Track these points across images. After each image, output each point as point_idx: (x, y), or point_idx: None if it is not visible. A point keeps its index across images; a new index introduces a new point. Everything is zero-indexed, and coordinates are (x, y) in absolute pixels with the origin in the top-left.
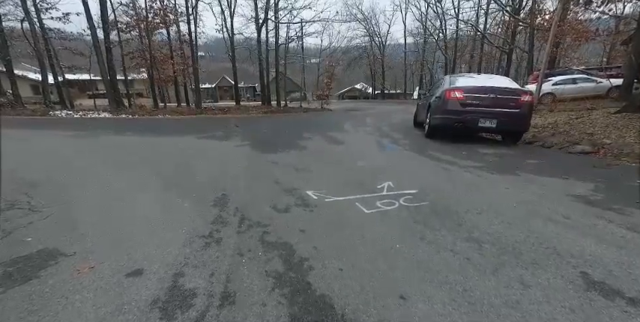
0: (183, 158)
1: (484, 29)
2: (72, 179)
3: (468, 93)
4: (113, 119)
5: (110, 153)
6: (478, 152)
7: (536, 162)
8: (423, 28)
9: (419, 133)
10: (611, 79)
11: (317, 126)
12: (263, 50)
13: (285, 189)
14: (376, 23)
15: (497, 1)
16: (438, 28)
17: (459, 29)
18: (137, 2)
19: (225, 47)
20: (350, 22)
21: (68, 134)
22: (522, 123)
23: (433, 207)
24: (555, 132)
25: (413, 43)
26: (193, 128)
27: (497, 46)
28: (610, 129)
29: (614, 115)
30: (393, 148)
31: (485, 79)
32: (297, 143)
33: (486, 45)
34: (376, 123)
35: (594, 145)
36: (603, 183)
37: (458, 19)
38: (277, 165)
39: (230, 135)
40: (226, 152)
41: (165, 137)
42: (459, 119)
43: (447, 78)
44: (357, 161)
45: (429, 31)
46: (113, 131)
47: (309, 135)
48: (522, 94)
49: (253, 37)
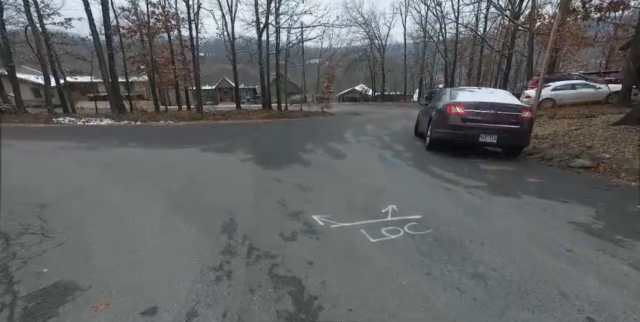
0: (189, 175)
1: (484, 32)
2: (81, 200)
3: (469, 108)
4: (116, 127)
5: (115, 170)
6: (480, 168)
7: (537, 181)
8: (422, 31)
9: (420, 145)
10: (610, 85)
11: (318, 135)
12: (264, 54)
13: (291, 213)
14: (376, 26)
15: (497, 6)
16: (438, 31)
17: (458, 33)
18: (139, 7)
19: (225, 49)
20: (350, 26)
21: (73, 146)
22: (523, 138)
23: (438, 235)
24: (555, 143)
25: (413, 45)
26: (196, 137)
27: (497, 51)
28: (609, 142)
29: (613, 127)
30: (396, 164)
31: (485, 93)
32: (301, 157)
33: (486, 48)
34: (377, 131)
35: (594, 160)
36: (603, 207)
37: (457, 23)
38: (282, 183)
39: (233, 146)
40: (231, 168)
41: (168, 149)
42: (460, 134)
43: (447, 91)
44: (361, 178)
45: (428, 34)
46: (117, 141)
47: (311, 147)
48: (523, 111)
49: (254, 38)
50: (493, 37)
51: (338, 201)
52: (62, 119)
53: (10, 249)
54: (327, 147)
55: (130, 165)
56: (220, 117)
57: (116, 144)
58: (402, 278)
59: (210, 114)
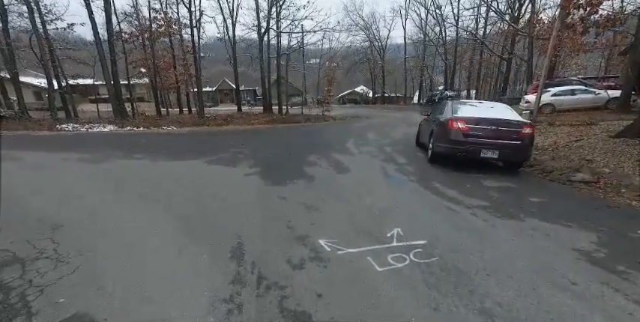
0: (197, 193)
1: (484, 36)
2: (91, 220)
3: (470, 124)
4: (119, 134)
5: (124, 186)
6: (482, 185)
7: (539, 201)
8: (423, 34)
9: (422, 156)
10: (609, 91)
11: (321, 145)
12: (265, 58)
13: (297, 237)
14: (376, 28)
15: (496, 10)
16: (438, 34)
17: (459, 37)
18: (141, 13)
19: (226, 51)
20: (351, 31)
21: (79, 158)
22: (523, 154)
23: (443, 264)
24: (555, 156)
25: (413, 48)
26: (200, 147)
27: (497, 55)
28: (609, 156)
29: (613, 140)
30: (399, 180)
31: (486, 108)
32: (305, 171)
33: (486, 52)
34: (379, 140)
35: (594, 174)
36: (605, 232)
37: (457, 27)
38: (287, 201)
39: (237, 158)
40: (237, 184)
41: (174, 161)
42: (461, 149)
43: (449, 104)
44: (365, 197)
45: (428, 37)
46: (122, 153)
47: (314, 158)
48: (523, 127)
49: (255, 41)
50: (493, 40)
51: (343, 223)
52: (66, 126)
53: (26, 276)
54: (330, 159)
55: (138, 181)
56: (222, 122)
57: (121, 155)
58: (411, 314)
59: (211, 119)
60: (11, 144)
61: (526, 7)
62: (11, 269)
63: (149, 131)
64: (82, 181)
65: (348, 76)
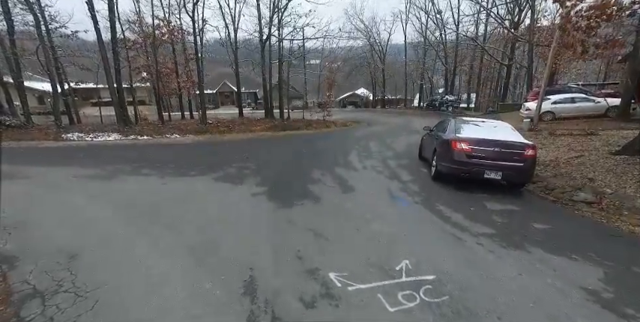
0: (206, 218)
1: (484, 41)
2: (105, 250)
3: (473, 145)
4: (124, 145)
5: (134, 210)
6: (485, 208)
7: (543, 227)
8: (423, 38)
9: (425, 172)
10: (609, 99)
11: (324, 158)
12: (266, 63)
13: (308, 270)
14: (377, 31)
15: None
16: (438, 38)
17: (459, 42)
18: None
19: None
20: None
21: (87, 174)
22: (526, 176)
23: (454, 305)
24: (557, 173)
25: (413, 52)
26: (206, 159)
27: (497, 60)
28: (610, 175)
29: (614, 157)
30: (404, 202)
31: (489, 128)
32: (310, 190)
33: (485, 58)
34: (381, 152)
35: (596, 194)
36: (610, 267)
37: (457, 33)
38: (296, 227)
39: (242, 173)
40: (245, 206)
41: (181, 178)
42: (465, 170)
43: (452, 122)
44: (372, 223)
45: (429, 41)
46: (130, 168)
47: (318, 175)
48: (526, 149)
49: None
50: (493, 46)
51: (352, 254)
52: (70, 135)
53: (46, 312)
54: (334, 176)
55: (148, 204)
56: (224, 129)
57: (128, 171)
58: None
59: (213, 126)
60: (21, 158)
61: (526, 12)
62: (32, 305)
63: (153, 140)
64: (94, 203)
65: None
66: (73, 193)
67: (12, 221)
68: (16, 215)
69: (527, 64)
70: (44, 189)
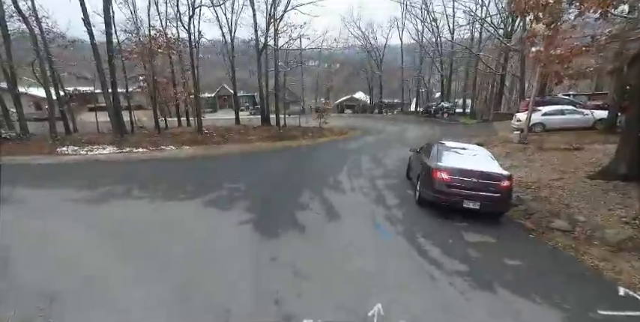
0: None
1: (479, 48)
2: (87, 290)
3: (453, 175)
4: (118, 160)
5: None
6: (463, 240)
7: (515, 264)
8: (419, 46)
9: (410, 195)
10: (596, 112)
11: (314, 177)
12: (262, 72)
13: (284, 316)
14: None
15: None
16: (434, 45)
17: (454, 50)
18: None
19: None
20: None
21: (77, 197)
22: (503, 206)
23: None
24: (537, 196)
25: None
26: (198, 179)
27: (491, 68)
28: (584, 201)
29: (590, 182)
30: (386, 234)
31: (469, 157)
32: (297, 218)
33: (479, 68)
34: (371, 169)
35: (570, 222)
36: (570, 312)
37: (453, 41)
38: (277, 264)
39: (233, 196)
40: (231, 239)
41: (172, 203)
42: (445, 199)
43: (434, 148)
44: (352, 258)
45: (424, 49)
46: (122, 188)
47: (307, 199)
48: (502, 180)
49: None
50: (487, 55)
51: (329, 297)
52: (65, 149)
53: None
54: (322, 200)
55: (135, 234)
56: (220, 140)
57: (120, 193)
58: None
59: (209, 136)
60: (13, 178)
61: (518, 23)
62: None
63: (148, 154)
64: (81, 233)
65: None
66: (60, 221)
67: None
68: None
69: (520, 74)
70: (32, 216)
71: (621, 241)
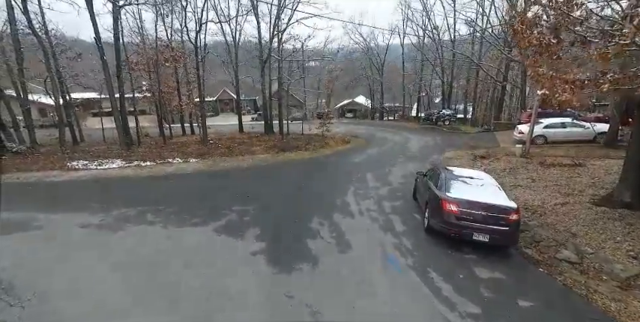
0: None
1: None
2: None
3: (462, 207)
4: (128, 179)
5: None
6: (474, 276)
7: (527, 305)
8: (420, 53)
9: (418, 219)
10: (597, 125)
11: (322, 199)
12: (266, 80)
13: None
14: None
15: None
16: (435, 52)
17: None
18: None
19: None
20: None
21: (90, 223)
22: (512, 239)
23: None
24: (543, 222)
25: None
26: (208, 198)
27: (492, 77)
28: (591, 231)
29: (595, 209)
30: (397, 266)
31: (476, 187)
32: (309, 248)
33: (480, 79)
34: (377, 187)
35: (578, 253)
36: None
37: (454, 51)
38: (293, 301)
39: (243, 221)
40: (243, 272)
41: (185, 229)
42: (455, 231)
43: (442, 175)
44: (364, 297)
45: (425, 56)
46: (135, 211)
47: (317, 225)
48: (511, 213)
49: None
50: (489, 64)
51: None
52: (76, 163)
53: None
54: (332, 225)
55: (148, 265)
56: (225, 151)
57: (133, 217)
58: None
59: (214, 146)
60: (31, 200)
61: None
62: None
63: (156, 169)
64: (95, 263)
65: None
66: (75, 251)
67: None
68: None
69: (521, 84)
70: (48, 247)
71: (630, 277)
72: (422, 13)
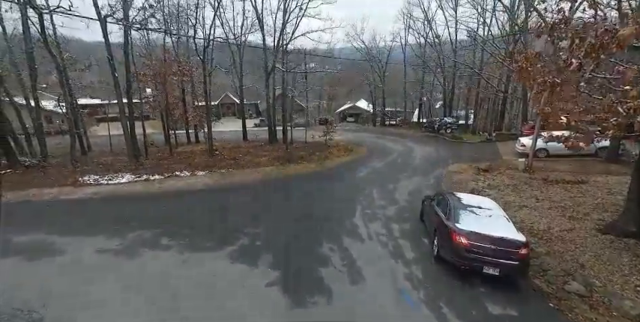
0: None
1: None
2: None
3: (472, 241)
4: (139, 196)
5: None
6: (486, 312)
7: None
8: (422, 61)
9: (426, 245)
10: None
11: (331, 221)
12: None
13: None
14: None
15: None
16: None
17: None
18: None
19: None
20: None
21: (107, 248)
22: (522, 272)
23: None
24: (550, 250)
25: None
26: (219, 218)
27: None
28: (599, 262)
29: (601, 237)
30: (410, 301)
31: (485, 218)
32: (322, 279)
33: (481, 90)
34: (384, 206)
35: (587, 285)
36: None
37: (455, 60)
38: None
39: (255, 245)
40: (260, 305)
41: (199, 254)
42: (465, 263)
43: (450, 203)
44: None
45: (427, 65)
46: (149, 234)
47: (327, 251)
48: (520, 248)
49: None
50: (490, 73)
51: None
52: (87, 178)
53: None
54: (342, 251)
55: (165, 293)
56: (231, 163)
57: (149, 241)
58: None
59: (220, 158)
60: (47, 220)
61: (520, 41)
62: None
63: (165, 183)
64: (113, 292)
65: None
66: (94, 277)
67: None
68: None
69: (522, 95)
70: (68, 272)
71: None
72: (423, 21)
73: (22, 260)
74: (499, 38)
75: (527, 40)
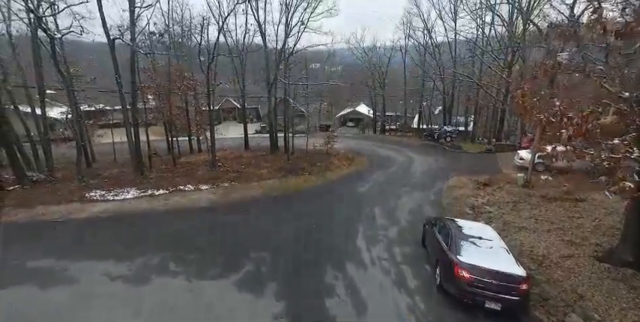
0: None
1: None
2: None
3: (474, 275)
4: (147, 216)
5: None
6: None
7: None
8: (421, 70)
9: (429, 273)
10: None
11: (333, 244)
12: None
13: None
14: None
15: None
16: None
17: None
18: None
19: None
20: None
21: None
22: (522, 307)
23: None
24: (550, 278)
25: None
26: (224, 244)
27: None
28: (598, 293)
29: (599, 266)
30: None
31: (485, 249)
32: (327, 311)
33: (481, 99)
34: (386, 227)
35: (586, 319)
36: None
37: (455, 71)
38: None
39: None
40: None
41: (207, 282)
42: (468, 297)
43: (451, 231)
44: None
45: (427, 74)
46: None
47: (331, 279)
48: (521, 283)
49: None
50: (491, 84)
51: None
52: (93, 194)
53: None
54: (346, 280)
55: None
56: (234, 176)
57: (156, 267)
58: None
59: (223, 171)
60: (56, 243)
61: (517, 58)
62: None
63: (170, 200)
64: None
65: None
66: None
67: None
68: None
69: None
70: (73, 299)
71: None
72: (423, 30)
73: (33, 287)
74: (497, 50)
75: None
